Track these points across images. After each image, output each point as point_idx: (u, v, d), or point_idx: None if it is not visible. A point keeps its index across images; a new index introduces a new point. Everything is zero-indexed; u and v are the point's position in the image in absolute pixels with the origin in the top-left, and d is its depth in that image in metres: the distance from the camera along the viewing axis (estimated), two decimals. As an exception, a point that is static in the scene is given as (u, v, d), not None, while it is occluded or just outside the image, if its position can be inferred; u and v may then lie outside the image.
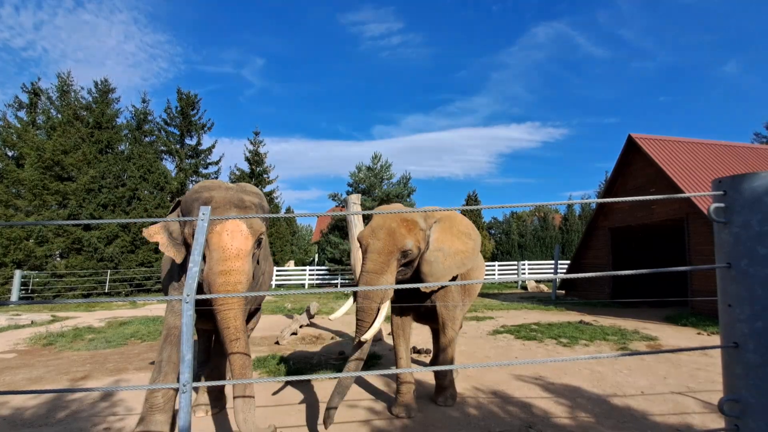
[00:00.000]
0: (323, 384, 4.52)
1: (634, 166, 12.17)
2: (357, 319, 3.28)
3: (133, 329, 8.31)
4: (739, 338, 1.64)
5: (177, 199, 3.56)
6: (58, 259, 17.44)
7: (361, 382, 4.57)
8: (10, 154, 18.04)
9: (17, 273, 14.84)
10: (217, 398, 3.76)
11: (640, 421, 3.47)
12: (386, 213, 3.22)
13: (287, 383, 4.53)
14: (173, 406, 3.21)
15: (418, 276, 3.53)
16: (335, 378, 4.04)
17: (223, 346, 2.86)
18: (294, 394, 4.17)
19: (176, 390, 3.18)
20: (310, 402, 3.94)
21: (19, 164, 17.68)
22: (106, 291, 2.93)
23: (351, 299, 3.45)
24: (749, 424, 1.59)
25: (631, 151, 12.13)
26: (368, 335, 3.15)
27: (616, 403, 3.89)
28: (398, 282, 3.44)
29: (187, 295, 1.38)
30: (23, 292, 15.34)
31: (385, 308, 3.27)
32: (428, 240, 3.56)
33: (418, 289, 3.43)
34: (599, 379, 4.65)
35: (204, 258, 2.91)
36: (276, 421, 3.45)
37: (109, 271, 17.27)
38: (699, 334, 7.70)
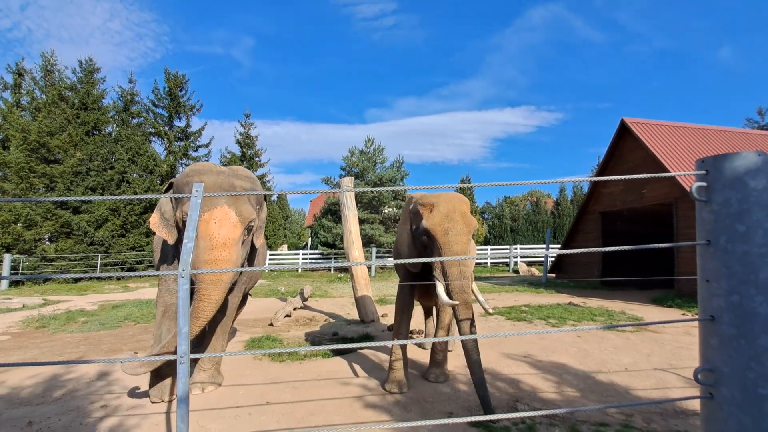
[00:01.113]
0: (315, 364, 4.61)
1: (625, 150, 12.26)
2: (462, 304, 3.20)
3: (126, 312, 8.33)
4: (715, 312, 1.72)
5: (170, 181, 3.55)
6: (48, 243, 17.24)
7: (355, 361, 4.67)
8: (-6, 136, 17.59)
9: (6, 256, 14.68)
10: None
11: (622, 395, 3.61)
12: (447, 198, 3.44)
13: (281, 363, 4.61)
14: (172, 374, 3.41)
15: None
16: (345, 348, 4.14)
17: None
18: (288, 374, 4.25)
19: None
20: (302, 379, 4.03)
21: (5, 146, 17.26)
22: (98, 275, 2.96)
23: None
24: (722, 391, 1.68)
25: (624, 135, 12.20)
26: (489, 308, 3.40)
27: (601, 378, 4.04)
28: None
29: (183, 270, 1.40)
30: (13, 275, 15.21)
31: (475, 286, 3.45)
32: None
33: (430, 272, 3.48)
34: (585, 356, 4.80)
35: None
36: (272, 398, 3.54)
37: (99, 255, 17.15)
38: (683, 314, 7.93)
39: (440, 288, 3.23)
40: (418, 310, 7.53)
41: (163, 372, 3.44)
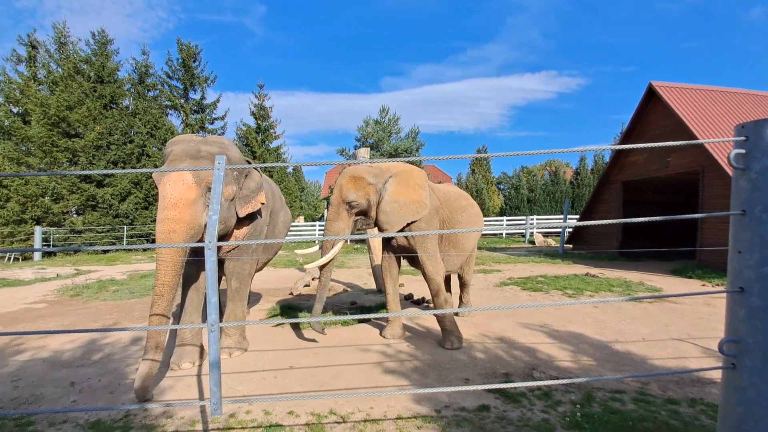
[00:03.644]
0: (335, 331, 4.76)
1: (652, 116, 11.73)
2: (321, 254, 4.11)
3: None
4: (745, 283, 1.68)
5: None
6: (75, 215, 17.89)
7: (373, 329, 4.80)
8: (14, 110, 17.93)
9: (37, 229, 15.34)
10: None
11: (639, 364, 3.64)
12: (343, 171, 4.16)
13: (303, 330, 4.78)
14: (200, 341, 3.70)
15: (378, 225, 4.20)
16: (356, 319, 4.34)
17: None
18: (309, 340, 4.42)
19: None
20: (323, 345, 4.18)
21: (25, 121, 17.62)
22: (125, 247, 3.11)
23: (316, 246, 4.80)
24: (746, 362, 1.67)
25: (650, 100, 11.63)
26: (323, 261, 4.00)
27: (618, 348, 4.06)
28: (360, 229, 4.24)
29: (209, 242, 1.44)
30: (45, 246, 15.94)
31: (339, 246, 4.06)
32: (381, 193, 4.08)
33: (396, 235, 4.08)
34: (602, 327, 4.81)
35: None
36: (295, 363, 3.70)
37: (125, 227, 17.75)
38: (703, 285, 7.81)
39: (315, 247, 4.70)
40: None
41: (183, 339, 3.65)
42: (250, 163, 3.62)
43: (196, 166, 3.10)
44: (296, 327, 4.89)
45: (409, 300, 6.58)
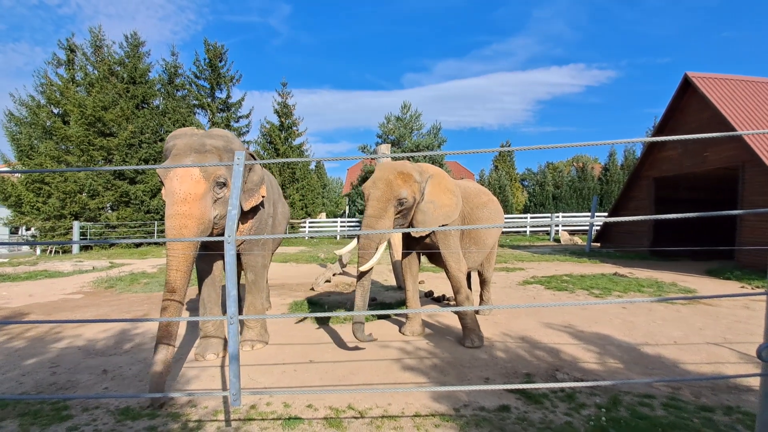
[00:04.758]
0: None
1: (687, 109, 11.15)
2: (359, 256, 3.78)
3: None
4: (788, 286, 1.57)
5: None
6: (110, 211, 18.73)
7: (393, 325, 4.80)
8: (55, 111, 18.88)
9: (76, 224, 16.16)
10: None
11: (670, 368, 3.48)
12: (381, 166, 3.88)
13: (323, 325, 4.84)
14: (223, 333, 3.86)
15: (413, 224, 4.08)
16: (370, 314, 4.35)
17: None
18: (329, 336, 4.46)
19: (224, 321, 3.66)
20: (343, 341, 4.21)
21: (65, 121, 18.54)
22: (155, 240, 3.26)
23: (355, 241, 4.06)
24: (788, 370, 1.56)
25: (686, 92, 11.07)
26: (367, 266, 3.70)
27: (647, 351, 3.90)
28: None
29: (228, 236, 1.46)
30: (82, 241, 16.78)
31: (383, 247, 3.82)
32: (423, 192, 4.02)
33: (417, 234, 4.15)
34: (631, 328, 4.64)
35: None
36: (315, 357, 3.75)
37: (156, 222, 18.44)
38: (742, 287, 7.40)
39: (353, 243, 3.90)
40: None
41: (206, 332, 3.77)
42: (252, 156, 3.62)
43: (202, 160, 3.10)
44: (317, 322, 4.95)
45: (429, 297, 6.55)
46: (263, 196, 3.84)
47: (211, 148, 3.24)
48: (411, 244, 4.44)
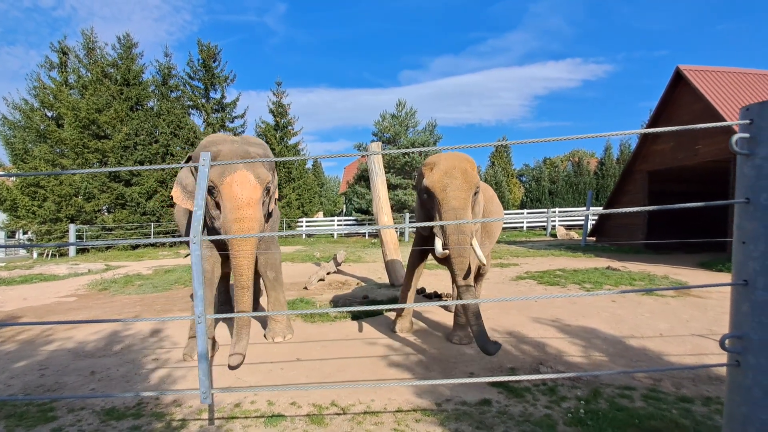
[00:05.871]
0: (343, 324, 4.81)
1: (680, 102, 11.17)
2: (455, 255, 3.32)
3: (176, 276, 9.01)
4: (749, 276, 1.59)
5: (189, 154, 3.75)
6: (106, 213, 18.72)
7: (381, 323, 4.83)
8: (49, 114, 18.83)
9: (72, 227, 16.15)
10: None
11: (654, 360, 3.51)
12: (448, 156, 3.55)
13: (313, 323, 4.86)
14: (212, 333, 3.87)
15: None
16: (372, 310, 4.35)
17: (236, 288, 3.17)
18: (319, 334, 4.49)
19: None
20: (331, 339, 4.24)
21: (59, 124, 18.49)
22: (151, 241, 3.28)
23: (438, 244, 3.41)
24: (750, 360, 1.59)
25: (678, 85, 11.09)
26: (484, 259, 3.37)
27: (632, 344, 3.93)
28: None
29: (194, 236, 1.48)
30: (78, 243, 16.77)
31: (476, 241, 3.44)
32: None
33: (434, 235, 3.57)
34: (618, 321, 4.67)
35: (219, 209, 3.20)
36: (302, 355, 3.77)
37: (152, 224, 18.44)
38: (734, 278, 7.43)
39: (438, 243, 3.38)
40: (445, 275, 7.59)
41: (194, 333, 3.81)
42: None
43: (252, 168, 3.26)
44: (307, 320, 4.97)
45: (421, 294, 6.58)
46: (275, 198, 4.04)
47: (255, 155, 3.43)
48: (420, 240, 4.27)
